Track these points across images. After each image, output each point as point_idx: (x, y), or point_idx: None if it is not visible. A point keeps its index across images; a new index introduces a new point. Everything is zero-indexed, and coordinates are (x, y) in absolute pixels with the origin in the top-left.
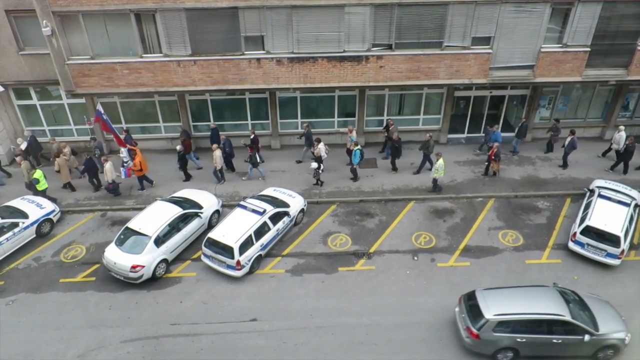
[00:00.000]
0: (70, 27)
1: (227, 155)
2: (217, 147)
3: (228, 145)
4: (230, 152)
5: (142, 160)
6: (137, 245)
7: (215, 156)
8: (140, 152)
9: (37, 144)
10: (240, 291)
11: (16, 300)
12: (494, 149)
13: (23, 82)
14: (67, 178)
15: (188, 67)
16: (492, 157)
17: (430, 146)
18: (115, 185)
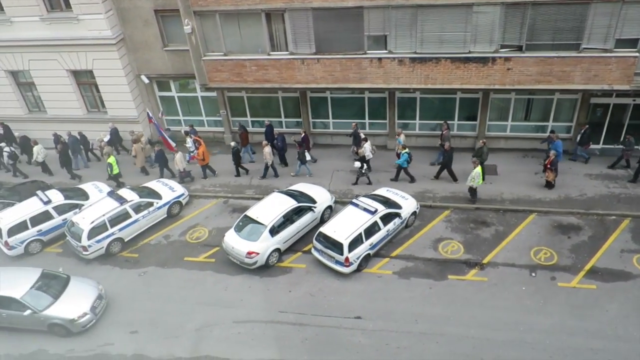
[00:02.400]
0: (207, 26)
1: (280, 150)
2: (266, 143)
3: (280, 141)
4: (282, 147)
5: (204, 151)
6: (253, 232)
7: (265, 152)
8: (204, 143)
9: (117, 135)
10: (346, 288)
11: (147, 272)
12: (551, 157)
13: (165, 76)
14: (141, 163)
15: (311, 65)
16: (549, 166)
17: (484, 153)
18: (187, 172)
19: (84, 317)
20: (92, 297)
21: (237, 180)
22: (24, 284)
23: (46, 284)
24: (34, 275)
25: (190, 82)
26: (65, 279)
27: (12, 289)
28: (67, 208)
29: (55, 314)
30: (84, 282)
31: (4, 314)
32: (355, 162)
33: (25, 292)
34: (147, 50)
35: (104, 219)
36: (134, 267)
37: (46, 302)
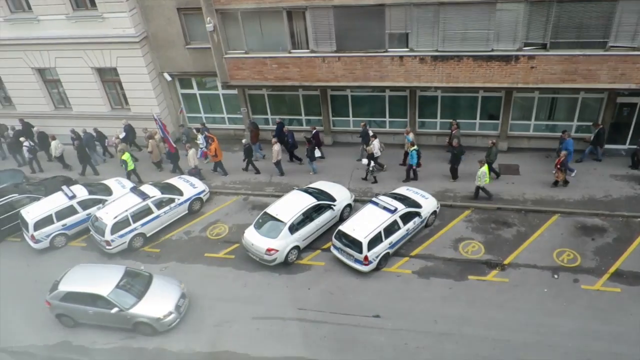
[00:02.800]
0: (229, 24)
1: (290, 147)
2: (275, 141)
3: (290, 137)
4: (292, 143)
5: (217, 148)
6: (273, 230)
7: (274, 150)
8: (217, 140)
9: (132, 132)
10: (365, 286)
11: (168, 267)
12: (561, 157)
13: (187, 73)
14: (156, 158)
15: (332, 63)
16: (559, 166)
17: (492, 154)
18: (197, 170)
19: (169, 316)
20: (176, 296)
21: (257, 178)
22: (109, 281)
23: (130, 282)
24: (118, 273)
25: (211, 79)
26: (148, 277)
27: (98, 286)
28: (91, 203)
29: (141, 312)
30: (166, 281)
31: (90, 311)
32: (363, 160)
33: (112, 290)
34: (170, 48)
35: (127, 214)
36: (155, 262)
37: (132, 301)
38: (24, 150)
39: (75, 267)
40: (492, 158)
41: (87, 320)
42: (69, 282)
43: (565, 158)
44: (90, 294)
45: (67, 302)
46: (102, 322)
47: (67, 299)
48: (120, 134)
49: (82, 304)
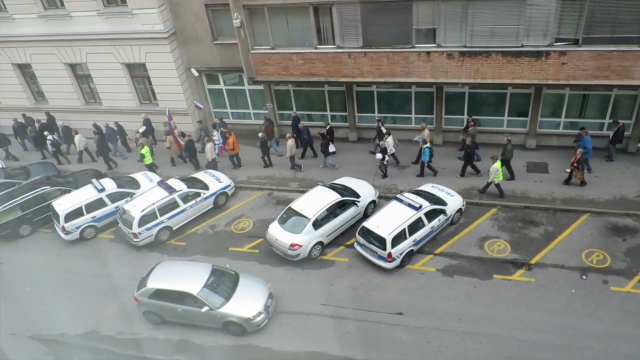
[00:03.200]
0: (256, 20)
1: (307, 143)
2: (290, 136)
3: (306, 133)
4: (308, 139)
5: (234, 141)
6: (297, 225)
7: (288, 145)
8: (234, 134)
9: (150, 126)
10: (389, 283)
11: (194, 260)
12: (577, 155)
13: (214, 69)
14: (174, 154)
15: (358, 59)
16: (575, 165)
17: (507, 151)
18: (214, 163)
19: (258, 316)
20: (265, 296)
21: (281, 173)
22: (198, 279)
23: (218, 281)
24: (205, 271)
25: (237, 75)
26: (235, 276)
27: (187, 284)
28: (119, 196)
29: (231, 312)
30: (253, 280)
31: (179, 309)
32: (377, 155)
33: (201, 288)
34: (197, 44)
35: (154, 208)
36: (181, 255)
37: (221, 300)
38: (48, 143)
39: (161, 264)
40: (508, 155)
41: (175, 318)
42: (156, 279)
43: (582, 156)
44: (179, 292)
45: (155, 300)
46: (190, 321)
47: (156, 296)
48: (140, 128)
49: (171, 302)
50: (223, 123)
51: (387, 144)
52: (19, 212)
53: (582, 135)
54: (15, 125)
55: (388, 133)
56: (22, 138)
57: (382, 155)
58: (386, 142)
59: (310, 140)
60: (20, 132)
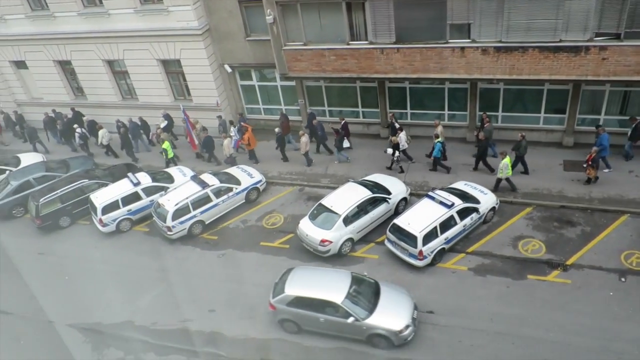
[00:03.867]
0: (288, 16)
1: (320, 139)
2: (303, 133)
3: (320, 129)
4: (322, 135)
5: (250, 137)
6: (327, 221)
7: (302, 141)
8: (250, 129)
9: (171, 121)
10: (419, 281)
11: (225, 254)
12: (592, 153)
13: (246, 65)
14: (197, 148)
15: (391, 55)
16: (589, 163)
17: (522, 147)
18: (232, 158)
19: (406, 329)
20: (410, 307)
21: (312, 169)
22: (340, 288)
23: (359, 289)
24: (345, 279)
25: (270, 71)
26: (374, 285)
27: (330, 292)
28: (154, 190)
29: (378, 323)
30: (395, 289)
31: (321, 319)
32: (388, 149)
33: (344, 297)
34: (231, 40)
35: (187, 202)
36: (213, 249)
37: (365, 310)
38: (76, 136)
39: (295, 269)
40: (522, 151)
41: (315, 327)
42: (294, 286)
43: (596, 154)
44: (322, 301)
45: (294, 308)
46: (332, 331)
47: (295, 304)
48: (162, 124)
49: (312, 311)
50: (243, 118)
51: (400, 139)
52: (59, 205)
53: (599, 132)
54: (45, 119)
55: (401, 129)
56: (51, 132)
57: (393, 151)
58: (398, 138)
59: (324, 136)
60: (49, 126)
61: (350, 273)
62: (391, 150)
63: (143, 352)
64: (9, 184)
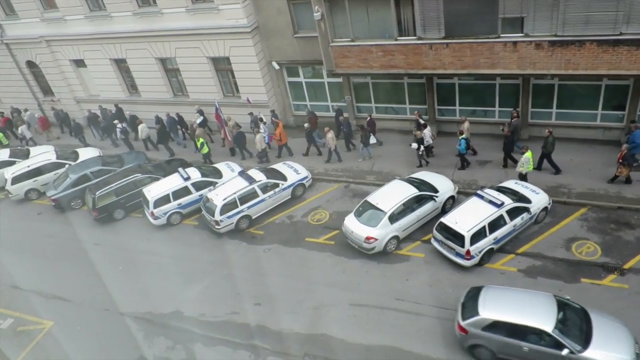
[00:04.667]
0: (336, 12)
1: (346, 135)
2: (329, 129)
3: (346, 126)
4: (348, 132)
5: (281, 132)
6: (373, 218)
7: (328, 137)
8: (282, 125)
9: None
10: (466, 281)
11: (271, 249)
12: (623, 150)
13: (294, 62)
14: (231, 144)
15: (439, 50)
16: (620, 161)
17: (549, 144)
18: (264, 153)
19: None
20: (630, 340)
21: (359, 166)
22: (547, 313)
23: (567, 316)
24: (550, 303)
25: (317, 68)
26: (582, 312)
27: (537, 319)
28: (203, 185)
29: (597, 358)
30: (608, 318)
31: (525, 348)
32: (412, 144)
33: (555, 325)
34: (279, 37)
35: (235, 197)
36: (259, 244)
37: (579, 342)
38: (117, 131)
39: (486, 290)
40: (549, 148)
41: (514, 356)
42: (491, 308)
43: (627, 151)
44: (528, 327)
45: (492, 333)
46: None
47: (493, 329)
48: (198, 119)
49: (514, 338)
50: (274, 114)
51: (424, 135)
52: (114, 198)
53: (631, 129)
54: (89, 115)
55: (425, 125)
56: (94, 127)
57: (417, 145)
58: (423, 134)
59: (350, 133)
60: (93, 122)
61: (553, 296)
62: (416, 145)
63: (191, 342)
64: (68, 177)
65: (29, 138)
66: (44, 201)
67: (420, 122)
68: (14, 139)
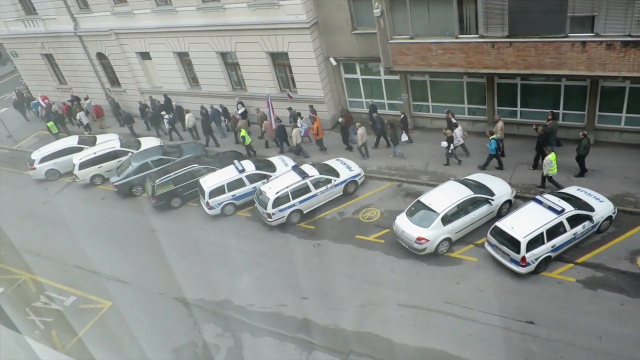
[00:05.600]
0: (396, 9)
1: (379, 132)
2: (360, 125)
3: (379, 122)
4: (381, 128)
5: (319, 127)
6: (425, 219)
7: (359, 133)
8: (319, 120)
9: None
10: (520, 288)
11: (321, 244)
12: None
13: (351, 58)
14: (269, 137)
15: (502, 49)
16: None
17: (582, 147)
18: (300, 147)
19: None
20: None
21: (412, 165)
22: None
23: None
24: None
25: (374, 65)
26: None
27: None
28: (257, 177)
29: None
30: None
31: None
32: (442, 142)
33: None
34: (337, 33)
35: (287, 191)
36: (309, 238)
37: None
38: (165, 122)
39: None
40: (582, 151)
41: None
42: None
43: None
44: None
45: None
46: None
47: None
48: (239, 110)
49: None
50: (313, 110)
51: (455, 134)
52: (172, 186)
53: None
54: (140, 106)
55: (456, 124)
56: (143, 118)
57: (447, 144)
58: (454, 133)
59: (384, 130)
60: (142, 112)
61: None
62: (446, 144)
63: (239, 331)
64: (131, 164)
65: (85, 124)
66: (108, 187)
67: (451, 121)
68: (71, 127)
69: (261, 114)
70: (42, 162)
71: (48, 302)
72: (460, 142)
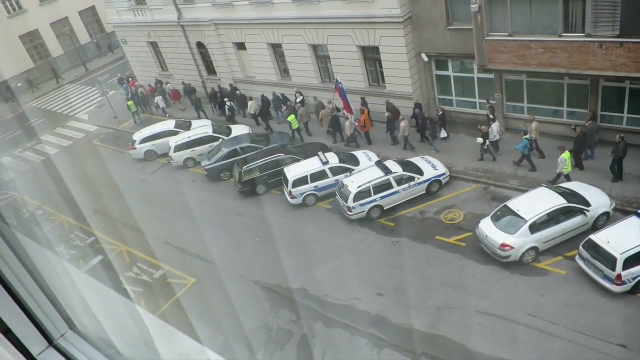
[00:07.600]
0: (495, 4)
1: (421, 128)
2: (403, 117)
3: (421, 117)
4: (423, 124)
5: (366, 119)
6: (511, 225)
7: (402, 126)
8: (367, 113)
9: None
10: (613, 308)
11: (399, 242)
12: None
13: (444, 55)
14: (326, 127)
15: (611, 50)
16: None
17: (619, 150)
18: (353, 138)
19: None
20: None
21: (501, 168)
22: None
23: None
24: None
25: (468, 62)
26: None
27: None
28: (340, 170)
29: None
30: None
31: None
32: (478, 139)
33: None
34: (431, 29)
35: (369, 186)
36: (388, 235)
37: None
38: (226, 109)
39: None
40: (619, 154)
41: None
42: None
43: None
44: None
45: None
46: None
47: None
48: (298, 99)
49: None
50: (365, 102)
51: (492, 130)
52: (258, 174)
53: None
54: (211, 93)
55: (494, 120)
56: (214, 104)
57: (482, 140)
58: (490, 129)
59: (425, 125)
60: (213, 99)
61: None
62: (481, 140)
63: (313, 320)
64: (221, 150)
65: (162, 107)
66: (199, 170)
67: (490, 117)
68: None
69: (318, 102)
70: (142, 143)
71: (139, 274)
72: (496, 138)
